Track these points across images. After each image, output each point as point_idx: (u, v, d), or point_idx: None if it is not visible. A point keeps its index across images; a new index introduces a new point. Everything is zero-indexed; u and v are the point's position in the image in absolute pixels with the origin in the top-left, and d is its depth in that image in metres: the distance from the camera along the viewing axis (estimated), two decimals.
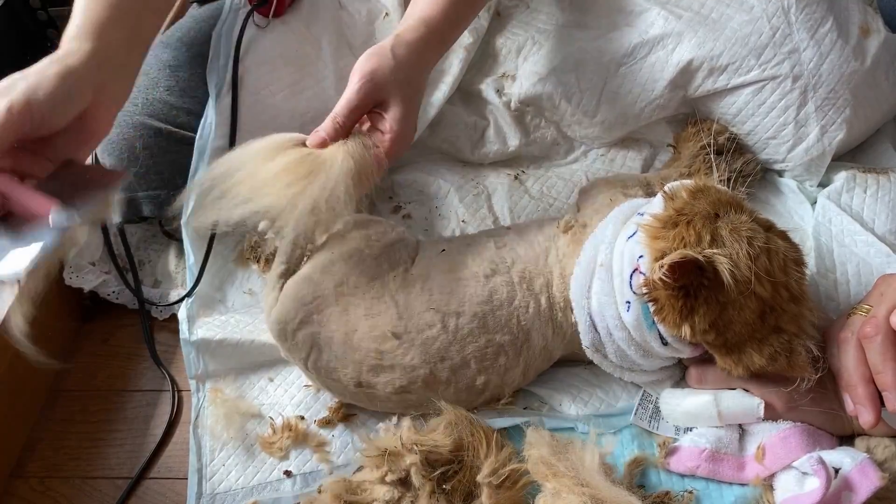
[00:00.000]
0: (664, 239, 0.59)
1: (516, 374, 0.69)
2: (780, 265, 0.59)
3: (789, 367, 0.60)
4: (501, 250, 0.71)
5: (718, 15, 0.82)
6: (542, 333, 0.69)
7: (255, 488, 0.70)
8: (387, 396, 0.68)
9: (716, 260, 0.57)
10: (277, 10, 0.87)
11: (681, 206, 0.60)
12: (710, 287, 0.58)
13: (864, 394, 0.58)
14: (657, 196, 0.65)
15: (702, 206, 0.60)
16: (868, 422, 0.58)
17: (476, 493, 0.63)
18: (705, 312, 0.58)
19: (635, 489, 0.64)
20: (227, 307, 0.83)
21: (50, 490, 0.74)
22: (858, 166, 0.82)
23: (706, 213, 0.59)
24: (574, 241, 0.70)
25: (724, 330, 0.59)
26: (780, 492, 0.61)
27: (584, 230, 0.70)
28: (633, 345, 0.65)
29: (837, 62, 0.78)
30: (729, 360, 0.61)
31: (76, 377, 0.83)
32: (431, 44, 0.72)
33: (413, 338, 0.66)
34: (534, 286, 0.69)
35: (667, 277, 0.57)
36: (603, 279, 0.65)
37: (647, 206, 0.65)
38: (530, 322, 0.68)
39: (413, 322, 0.67)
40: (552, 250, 0.70)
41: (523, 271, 0.69)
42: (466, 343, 0.67)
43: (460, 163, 0.94)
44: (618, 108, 0.86)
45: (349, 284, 0.68)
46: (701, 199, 0.60)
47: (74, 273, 0.85)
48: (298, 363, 0.70)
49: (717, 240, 0.58)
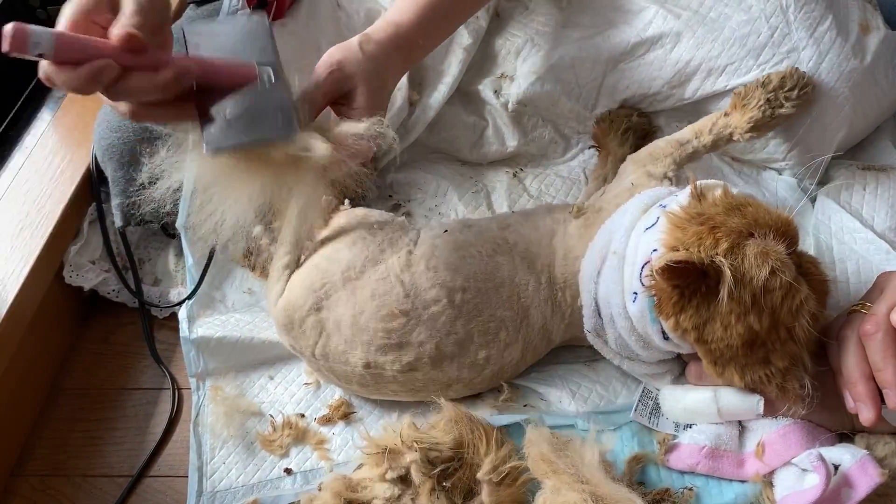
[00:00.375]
0: (684, 231, 0.59)
1: (515, 351, 0.70)
2: (792, 309, 0.57)
3: (780, 395, 0.60)
4: (504, 231, 0.72)
5: (717, 14, 0.82)
6: (541, 312, 0.69)
7: (255, 486, 0.70)
8: (393, 376, 0.68)
9: (722, 269, 0.56)
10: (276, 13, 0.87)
11: (712, 214, 0.58)
12: (706, 294, 0.58)
13: (864, 391, 0.58)
14: (685, 189, 0.64)
15: (735, 223, 0.57)
16: (868, 419, 0.58)
17: (476, 490, 0.63)
18: (691, 316, 0.58)
19: (635, 486, 0.63)
20: (226, 306, 0.83)
21: (50, 488, 0.74)
22: (857, 164, 0.82)
23: (737, 230, 0.57)
24: (586, 224, 0.70)
25: (708, 341, 0.59)
26: (779, 488, 0.61)
27: (599, 214, 0.70)
28: (635, 335, 0.65)
29: (837, 60, 0.78)
30: (712, 369, 0.62)
31: (76, 376, 0.83)
32: (400, 47, 0.71)
33: (420, 314, 0.67)
34: (535, 265, 0.70)
35: (660, 276, 0.57)
36: (614, 267, 0.65)
37: (671, 199, 0.65)
38: (530, 300, 0.69)
39: (420, 299, 0.68)
40: (559, 233, 0.71)
41: (525, 251, 0.70)
42: (471, 317, 0.68)
43: (459, 162, 0.94)
44: (618, 101, 0.87)
45: (355, 269, 0.69)
46: (736, 216, 0.58)
47: (74, 271, 0.85)
48: (305, 351, 0.71)
49: (737, 254, 0.56)
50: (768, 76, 0.75)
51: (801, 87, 0.75)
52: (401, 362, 0.68)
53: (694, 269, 0.57)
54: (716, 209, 0.59)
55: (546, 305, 0.70)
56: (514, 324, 0.69)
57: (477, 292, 0.68)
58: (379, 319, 0.67)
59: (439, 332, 0.68)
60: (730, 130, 0.74)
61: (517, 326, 0.69)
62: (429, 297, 0.68)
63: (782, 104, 0.74)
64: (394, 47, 0.70)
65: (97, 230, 0.87)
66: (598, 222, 0.69)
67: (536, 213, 0.75)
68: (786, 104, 0.74)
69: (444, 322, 0.68)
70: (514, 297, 0.69)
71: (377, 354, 0.68)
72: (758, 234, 0.57)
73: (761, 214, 0.58)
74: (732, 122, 0.74)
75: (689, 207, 0.61)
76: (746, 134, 0.74)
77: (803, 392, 0.59)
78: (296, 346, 0.71)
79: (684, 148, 0.74)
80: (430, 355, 0.68)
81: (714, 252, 0.56)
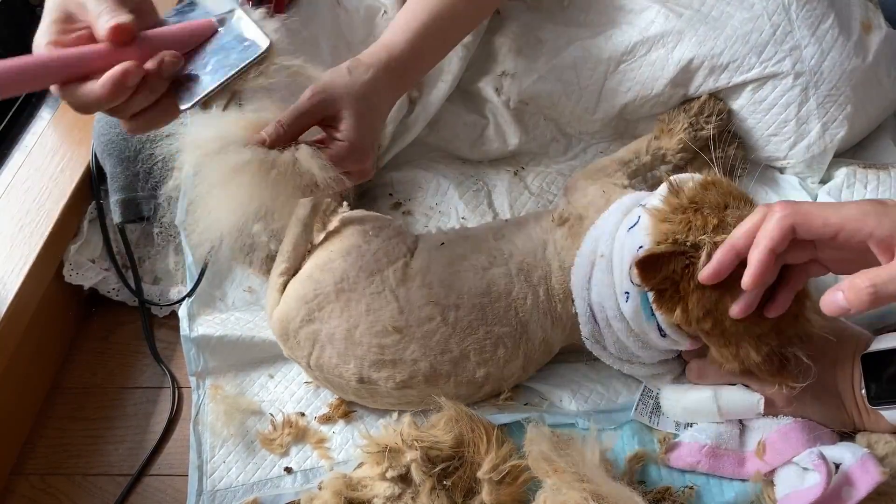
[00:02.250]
0: (671, 222, 0.59)
1: (516, 366, 0.69)
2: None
3: (776, 373, 0.60)
4: (499, 242, 0.72)
5: (719, 13, 0.82)
6: (540, 325, 0.69)
7: (255, 485, 0.70)
8: (388, 392, 0.68)
9: (700, 243, 0.57)
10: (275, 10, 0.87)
11: (692, 195, 0.60)
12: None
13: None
14: (661, 186, 0.65)
15: (712, 197, 0.60)
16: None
17: (477, 489, 0.63)
18: (699, 298, 0.58)
19: (636, 485, 0.63)
20: (226, 305, 0.83)
21: (50, 487, 0.74)
22: (858, 162, 0.82)
23: (716, 203, 0.59)
24: (572, 233, 0.70)
25: (722, 319, 0.59)
26: (780, 487, 0.61)
27: (582, 222, 0.71)
28: (632, 336, 0.65)
29: (839, 59, 0.78)
30: (725, 352, 0.61)
31: (76, 374, 0.83)
32: (392, 69, 0.70)
33: (414, 331, 0.67)
34: (532, 278, 0.69)
35: (637, 279, 0.58)
36: (603, 270, 0.65)
37: (650, 198, 0.65)
38: (528, 314, 0.68)
39: (413, 316, 0.67)
40: (550, 243, 0.71)
41: (521, 263, 0.70)
42: (466, 335, 0.67)
43: (460, 160, 0.94)
44: (618, 105, 0.86)
45: (349, 280, 0.69)
46: (712, 191, 0.60)
47: (74, 270, 0.85)
48: (301, 361, 0.71)
49: (723, 227, 0.58)
50: (689, 103, 0.83)
51: (717, 112, 0.82)
52: (394, 380, 0.67)
53: (670, 256, 0.57)
54: (694, 190, 0.61)
55: (546, 318, 0.69)
56: (512, 340, 0.68)
57: (471, 308, 0.67)
58: (373, 335, 0.67)
59: (433, 351, 0.67)
60: (662, 152, 0.81)
61: (516, 342, 0.68)
62: (423, 314, 0.67)
63: (703, 127, 0.81)
64: (385, 70, 0.69)
65: (97, 229, 0.87)
66: (582, 231, 0.69)
67: (527, 222, 0.74)
68: (706, 127, 0.81)
69: (437, 341, 0.67)
70: (511, 311, 0.68)
71: (370, 370, 0.67)
72: (730, 203, 0.59)
73: (727, 186, 0.61)
74: (664, 145, 0.81)
75: (671, 199, 0.61)
76: (677, 155, 0.80)
77: (800, 366, 0.59)
78: (292, 355, 0.71)
79: (628, 166, 0.78)
80: (424, 373, 0.67)
81: (702, 232, 0.58)
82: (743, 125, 0.84)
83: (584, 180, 0.77)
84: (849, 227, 0.51)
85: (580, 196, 0.75)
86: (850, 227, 0.51)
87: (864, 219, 0.50)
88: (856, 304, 0.48)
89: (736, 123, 0.84)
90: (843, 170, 0.81)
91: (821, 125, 0.80)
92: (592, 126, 0.90)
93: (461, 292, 0.68)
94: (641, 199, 0.68)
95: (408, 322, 0.67)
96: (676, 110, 0.83)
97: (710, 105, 0.82)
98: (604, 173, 0.77)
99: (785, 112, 0.80)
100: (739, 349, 0.60)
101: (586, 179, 0.77)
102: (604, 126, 0.90)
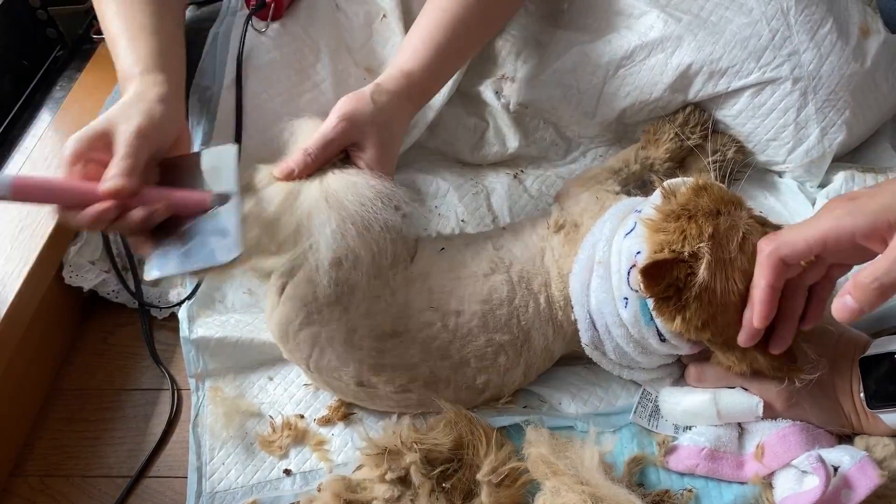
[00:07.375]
0: (665, 231, 0.60)
1: (517, 374, 0.69)
2: None
3: (785, 370, 0.60)
4: (499, 251, 0.72)
5: (718, 18, 0.83)
6: (542, 333, 0.69)
7: (254, 487, 0.70)
8: (387, 395, 0.68)
9: (700, 254, 0.57)
10: (275, 14, 0.87)
11: (684, 202, 0.60)
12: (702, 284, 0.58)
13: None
14: (655, 192, 0.65)
15: (704, 203, 0.60)
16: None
17: (476, 491, 0.63)
18: (697, 309, 0.58)
19: (635, 487, 0.64)
20: (226, 306, 0.83)
21: (49, 489, 0.74)
22: (857, 166, 0.82)
23: (709, 209, 0.59)
24: (568, 241, 0.70)
25: (724, 329, 0.59)
26: (779, 490, 0.62)
27: (578, 230, 0.71)
28: (632, 342, 0.65)
29: (837, 64, 0.78)
30: (732, 357, 0.61)
31: (75, 376, 0.83)
32: (412, 96, 0.72)
33: (413, 336, 0.67)
34: (532, 285, 0.69)
35: (641, 286, 0.58)
36: (601, 276, 0.65)
37: (645, 203, 0.66)
38: (530, 322, 0.68)
39: (413, 320, 0.67)
40: (547, 250, 0.71)
41: (521, 271, 0.70)
42: (466, 342, 0.67)
43: (459, 163, 0.94)
44: (617, 110, 0.87)
45: (349, 284, 0.69)
46: (703, 196, 0.60)
47: (74, 272, 0.85)
48: (300, 364, 0.71)
49: (718, 234, 0.58)
50: (674, 114, 0.85)
51: (702, 123, 0.84)
52: (394, 384, 0.67)
53: (673, 263, 0.57)
54: (686, 196, 0.61)
55: (548, 326, 0.69)
56: (514, 348, 0.68)
57: (472, 315, 0.67)
58: (372, 338, 0.67)
59: (433, 356, 0.67)
60: (650, 161, 0.82)
61: (518, 350, 0.68)
62: (423, 319, 0.67)
63: (689, 137, 0.83)
64: (406, 97, 0.71)
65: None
66: (578, 238, 0.69)
67: (523, 229, 0.74)
68: (692, 136, 0.83)
69: (438, 346, 0.67)
70: (513, 319, 0.68)
71: (370, 374, 0.67)
72: (722, 209, 0.60)
73: (718, 192, 0.61)
74: (651, 155, 0.82)
75: (663, 207, 0.62)
76: (665, 164, 0.82)
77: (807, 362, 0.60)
78: (291, 358, 0.71)
79: (618, 174, 0.79)
80: (424, 378, 0.67)
81: (699, 241, 0.58)
82: (742, 130, 0.84)
83: (577, 188, 0.77)
84: (831, 237, 0.52)
85: (573, 203, 0.75)
86: (833, 237, 0.51)
87: (840, 223, 0.51)
88: (865, 301, 0.49)
89: (734, 128, 0.84)
90: (842, 174, 0.81)
91: (819, 130, 0.80)
92: (592, 130, 0.90)
93: (462, 298, 0.68)
94: (636, 204, 0.68)
95: (407, 327, 0.67)
96: (661, 121, 0.85)
97: (694, 116, 0.84)
98: (595, 181, 0.77)
99: (784, 117, 0.81)
100: (746, 353, 0.60)
101: (578, 187, 0.77)
102: (603, 130, 0.90)
